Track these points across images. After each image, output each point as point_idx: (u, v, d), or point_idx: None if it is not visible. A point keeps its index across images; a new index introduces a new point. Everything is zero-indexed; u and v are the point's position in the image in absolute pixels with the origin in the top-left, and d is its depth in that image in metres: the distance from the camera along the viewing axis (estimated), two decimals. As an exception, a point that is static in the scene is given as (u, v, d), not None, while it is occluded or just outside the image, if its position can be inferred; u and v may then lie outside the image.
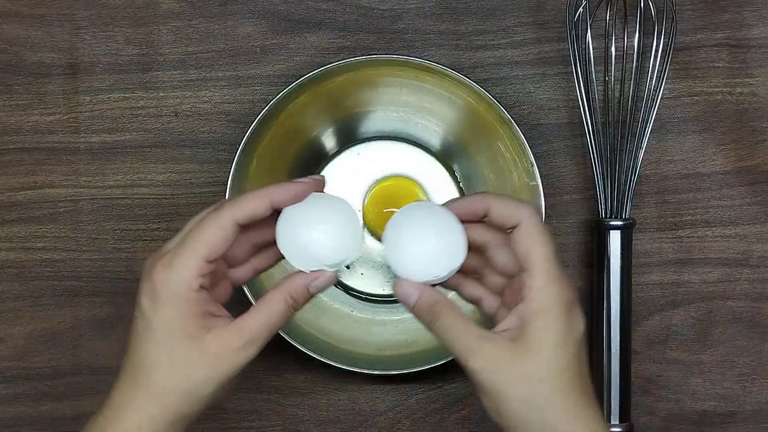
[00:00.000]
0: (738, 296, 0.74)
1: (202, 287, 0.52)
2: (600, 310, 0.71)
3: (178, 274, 0.51)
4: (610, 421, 0.70)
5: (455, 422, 0.74)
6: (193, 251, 0.51)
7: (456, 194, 0.74)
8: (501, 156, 0.71)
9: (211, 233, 0.52)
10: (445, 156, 0.74)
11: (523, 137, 0.67)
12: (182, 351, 0.51)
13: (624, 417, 0.70)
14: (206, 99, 0.74)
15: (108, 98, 0.74)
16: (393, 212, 0.72)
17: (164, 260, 0.52)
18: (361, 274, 0.74)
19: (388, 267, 0.55)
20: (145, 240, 0.74)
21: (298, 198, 0.54)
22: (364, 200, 0.73)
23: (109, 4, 0.74)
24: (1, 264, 0.74)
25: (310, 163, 0.74)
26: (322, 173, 0.74)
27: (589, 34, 0.69)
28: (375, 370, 0.70)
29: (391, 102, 0.73)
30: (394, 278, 0.55)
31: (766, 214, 0.74)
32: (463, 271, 0.55)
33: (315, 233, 0.54)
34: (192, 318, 0.51)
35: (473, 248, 0.55)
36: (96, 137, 0.74)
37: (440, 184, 0.74)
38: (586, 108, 0.70)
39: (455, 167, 0.74)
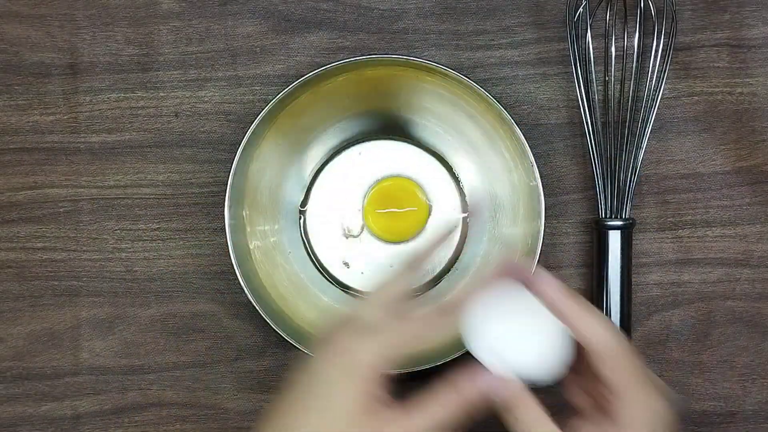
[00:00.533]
0: (738, 296, 0.74)
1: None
2: (600, 311, 0.71)
3: (380, 352, 0.49)
4: (610, 421, 0.70)
5: (455, 422, 0.74)
6: (405, 344, 0.50)
7: (456, 194, 0.74)
8: (501, 156, 0.71)
9: (430, 339, 0.50)
10: (445, 156, 0.74)
11: (523, 137, 0.67)
12: None
13: (624, 417, 0.70)
14: (206, 99, 0.74)
15: (108, 98, 0.74)
16: (392, 212, 0.73)
17: (369, 334, 0.50)
18: (361, 273, 0.74)
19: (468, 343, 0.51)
20: (145, 240, 0.74)
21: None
22: (364, 200, 0.73)
23: (109, 4, 0.74)
24: (1, 264, 0.74)
25: (311, 163, 0.74)
26: (323, 173, 0.74)
27: (589, 34, 0.69)
28: (375, 370, 0.70)
29: (391, 102, 0.73)
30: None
31: (766, 214, 0.74)
32: None
33: (508, 331, 0.51)
34: (371, 402, 0.49)
35: None
36: (96, 137, 0.74)
37: (440, 184, 0.74)
38: (586, 108, 0.70)
39: (455, 167, 0.74)
